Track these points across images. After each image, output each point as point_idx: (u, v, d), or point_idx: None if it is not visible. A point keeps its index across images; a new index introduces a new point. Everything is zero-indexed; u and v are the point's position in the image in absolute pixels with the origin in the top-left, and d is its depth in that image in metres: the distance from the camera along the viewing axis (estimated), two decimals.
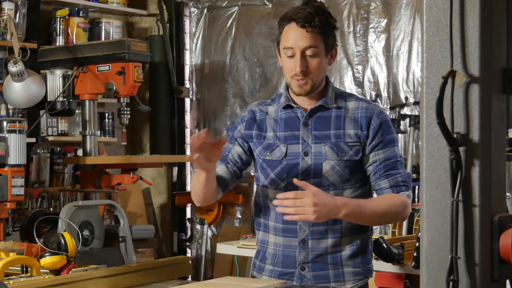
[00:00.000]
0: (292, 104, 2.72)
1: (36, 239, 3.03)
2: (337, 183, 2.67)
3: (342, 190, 2.68)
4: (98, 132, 5.24)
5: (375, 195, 2.77)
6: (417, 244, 3.53)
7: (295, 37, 2.61)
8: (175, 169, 6.67)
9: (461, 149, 1.67)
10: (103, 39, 6.07)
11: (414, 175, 5.29)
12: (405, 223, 4.75)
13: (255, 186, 3.11)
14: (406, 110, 5.53)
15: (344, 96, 2.76)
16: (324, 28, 2.61)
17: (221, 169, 2.73)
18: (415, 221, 4.11)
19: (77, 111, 5.15)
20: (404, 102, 5.53)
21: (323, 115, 2.70)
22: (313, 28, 2.59)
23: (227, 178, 2.76)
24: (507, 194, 4.55)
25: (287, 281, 2.67)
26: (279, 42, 2.69)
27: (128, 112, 4.98)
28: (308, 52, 2.61)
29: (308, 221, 2.55)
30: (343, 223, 2.67)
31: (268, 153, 2.71)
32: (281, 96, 2.77)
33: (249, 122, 2.77)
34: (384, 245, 3.52)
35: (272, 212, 2.73)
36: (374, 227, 5.48)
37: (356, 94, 3.47)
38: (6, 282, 2.47)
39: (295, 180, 2.56)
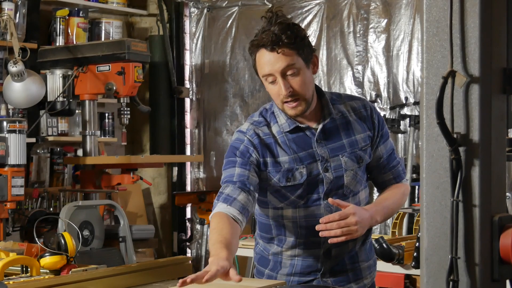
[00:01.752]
0: (300, 125, 2.62)
1: (36, 239, 3.03)
2: (355, 189, 2.66)
3: (358, 194, 2.67)
4: (98, 132, 5.25)
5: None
6: (417, 244, 3.53)
7: (269, 62, 2.51)
8: (175, 169, 6.67)
9: (461, 149, 1.67)
10: (103, 39, 6.07)
11: (414, 175, 5.30)
12: (405, 223, 4.75)
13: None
14: (406, 110, 5.53)
15: (335, 99, 2.69)
16: (294, 43, 2.50)
17: (243, 198, 2.51)
18: (415, 221, 4.11)
19: (77, 111, 5.16)
20: (404, 102, 5.53)
21: (329, 126, 2.63)
22: (283, 48, 2.49)
23: (249, 206, 2.55)
24: (507, 194, 4.55)
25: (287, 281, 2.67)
26: (256, 71, 2.59)
27: (128, 112, 4.99)
28: (288, 72, 2.51)
29: (352, 238, 2.48)
30: None
31: (290, 179, 2.60)
32: (274, 116, 2.65)
33: (261, 148, 2.61)
34: (384, 245, 3.52)
35: (288, 228, 2.66)
36: (374, 226, 5.52)
37: (338, 92, 3.36)
38: (6, 282, 2.47)
39: (330, 200, 2.50)
